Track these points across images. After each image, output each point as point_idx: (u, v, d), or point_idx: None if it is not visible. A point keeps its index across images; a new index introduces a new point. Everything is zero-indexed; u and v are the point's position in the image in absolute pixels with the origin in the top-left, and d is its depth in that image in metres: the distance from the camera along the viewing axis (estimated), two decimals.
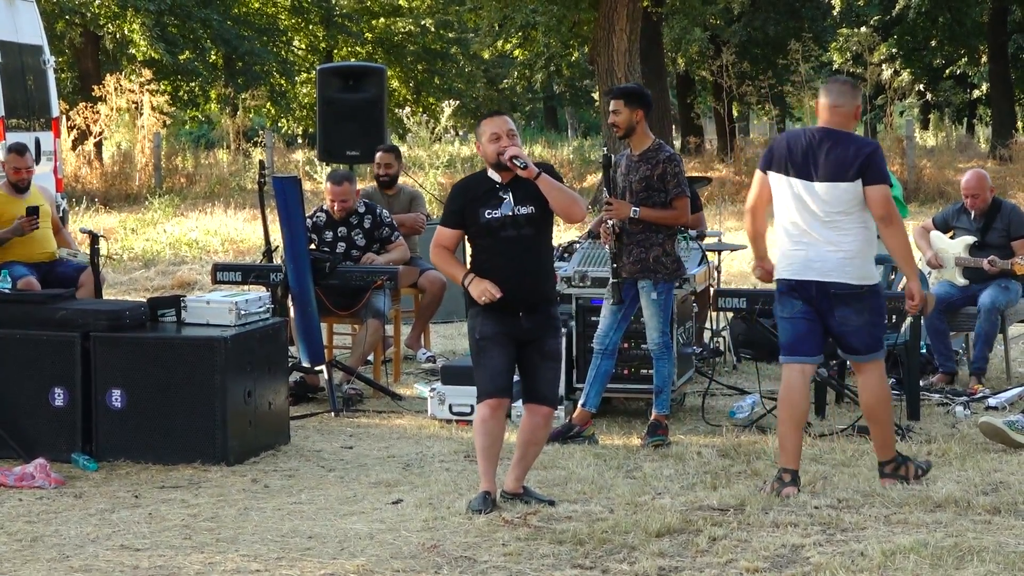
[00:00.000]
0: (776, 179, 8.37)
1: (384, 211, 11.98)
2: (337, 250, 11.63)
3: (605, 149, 9.81)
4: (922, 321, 11.41)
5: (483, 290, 7.79)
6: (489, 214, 7.89)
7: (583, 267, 10.25)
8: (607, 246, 9.59)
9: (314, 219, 11.82)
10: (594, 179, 32.17)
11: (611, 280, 9.52)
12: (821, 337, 8.37)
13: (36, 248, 12.01)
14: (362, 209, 11.81)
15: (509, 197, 7.89)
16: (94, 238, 11.73)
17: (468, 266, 8.05)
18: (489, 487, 7.94)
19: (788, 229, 8.33)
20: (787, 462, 8.25)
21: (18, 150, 12.21)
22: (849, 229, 8.20)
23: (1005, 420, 9.37)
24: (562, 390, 10.12)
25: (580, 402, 9.67)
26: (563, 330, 10.00)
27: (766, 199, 8.47)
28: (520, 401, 8.28)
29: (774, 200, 8.39)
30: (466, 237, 8.08)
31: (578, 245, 11.10)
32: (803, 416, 8.42)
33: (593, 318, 9.97)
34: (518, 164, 7.80)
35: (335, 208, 11.68)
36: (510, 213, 7.88)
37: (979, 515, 7.66)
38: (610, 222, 9.46)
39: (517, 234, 7.88)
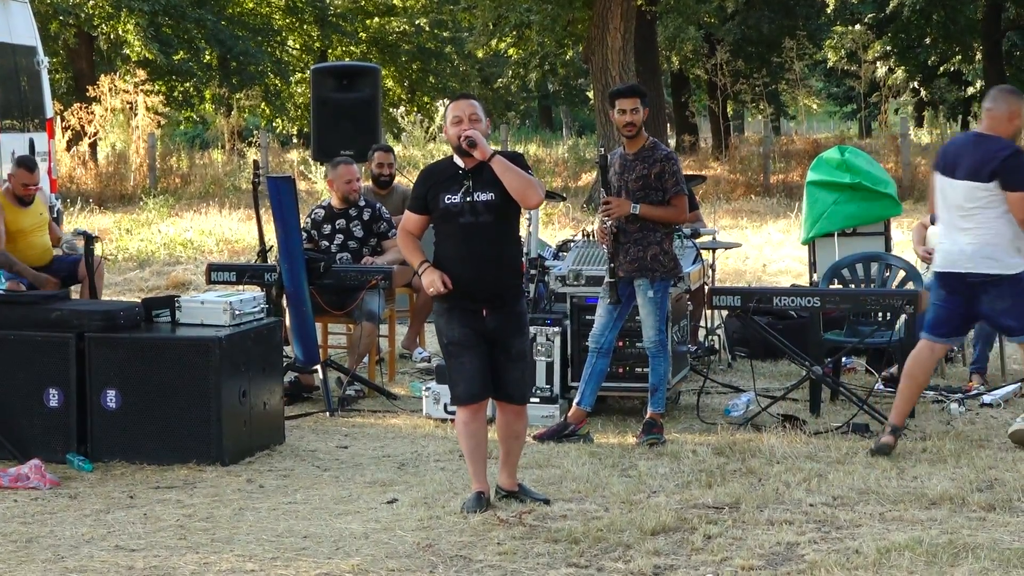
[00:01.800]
0: (935, 178, 9.16)
1: (382, 207, 12.02)
2: (335, 241, 11.67)
3: (602, 149, 9.80)
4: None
5: (432, 280, 7.75)
6: (448, 199, 7.82)
7: (578, 266, 10.25)
8: (604, 246, 9.59)
9: (312, 216, 11.86)
10: (589, 178, 32.20)
11: (607, 279, 9.52)
12: (959, 324, 9.33)
13: (33, 256, 12.04)
14: (362, 203, 11.85)
15: (470, 183, 7.83)
16: (88, 239, 11.74)
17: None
18: (481, 487, 7.94)
19: (940, 223, 9.30)
20: (894, 418, 9.14)
21: (28, 166, 12.23)
22: (984, 223, 8.88)
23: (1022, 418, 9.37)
24: (557, 388, 10.16)
25: (576, 400, 9.67)
26: (548, 324, 10.06)
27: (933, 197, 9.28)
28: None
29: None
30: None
31: (573, 244, 11.10)
32: (919, 386, 9.34)
33: (588, 317, 9.96)
34: (473, 143, 7.69)
35: (349, 190, 11.71)
36: (469, 199, 7.80)
37: (974, 512, 7.67)
38: (608, 222, 9.46)
39: (475, 221, 7.79)
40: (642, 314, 9.54)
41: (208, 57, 42.07)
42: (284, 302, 10.82)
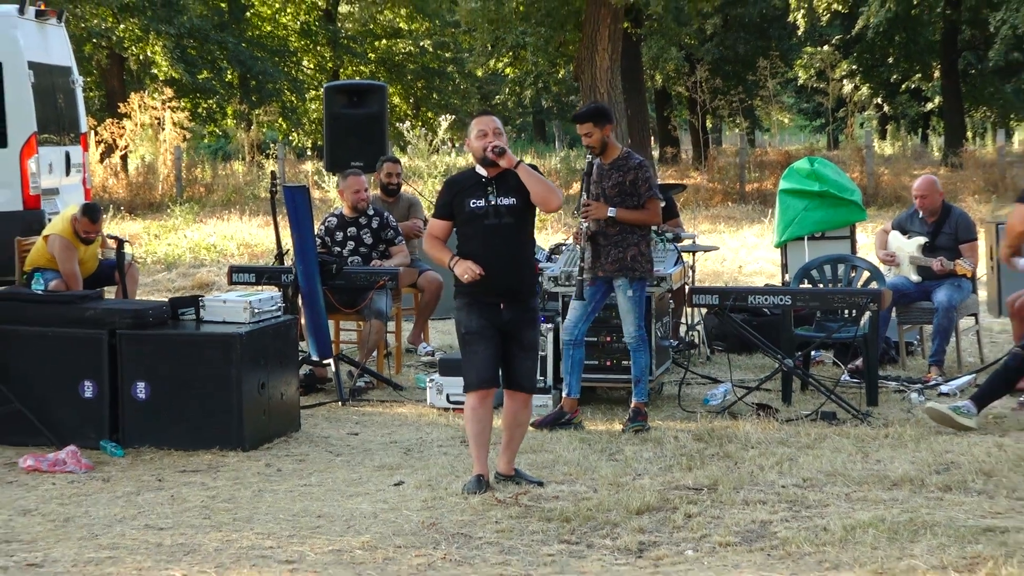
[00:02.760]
0: None
1: (390, 215, 12.04)
2: (347, 248, 11.68)
3: (589, 156, 9.80)
4: (893, 314, 11.46)
5: (466, 268, 7.81)
6: (474, 204, 7.91)
7: (569, 267, 10.26)
8: (578, 247, 9.60)
9: (326, 224, 11.87)
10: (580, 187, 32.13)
11: (577, 278, 9.53)
12: None
13: (84, 271, 12.09)
14: (371, 212, 11.85)
15: (493, 189, 7.91)
16: (120, 243, 11.74)
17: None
18: (482, 471, 7.95)
19: None
20: None
21: (92, 217, 12.17)
22: None
23: (951, 406, 9.37)
24: (550, 380, 10.17)
25: (564, 392, 9.67)
26: (542, 321, 10.05)
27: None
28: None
29: None
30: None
31: (564, 247, 11.12)
32: None
33: None
34: (501, 150, 7.85)
35: (358, 200, 11.72)
36: (493, 203, 7.90)
37: (932, 492, 7.68)
38: (585, 224, 9.47)
39: (499, 223, 7.88)
40: (622, 312, 9.53)
41: (230, 76, 42.05)
42: (299, 301, 10.83)
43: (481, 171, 7.98)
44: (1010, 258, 8.39)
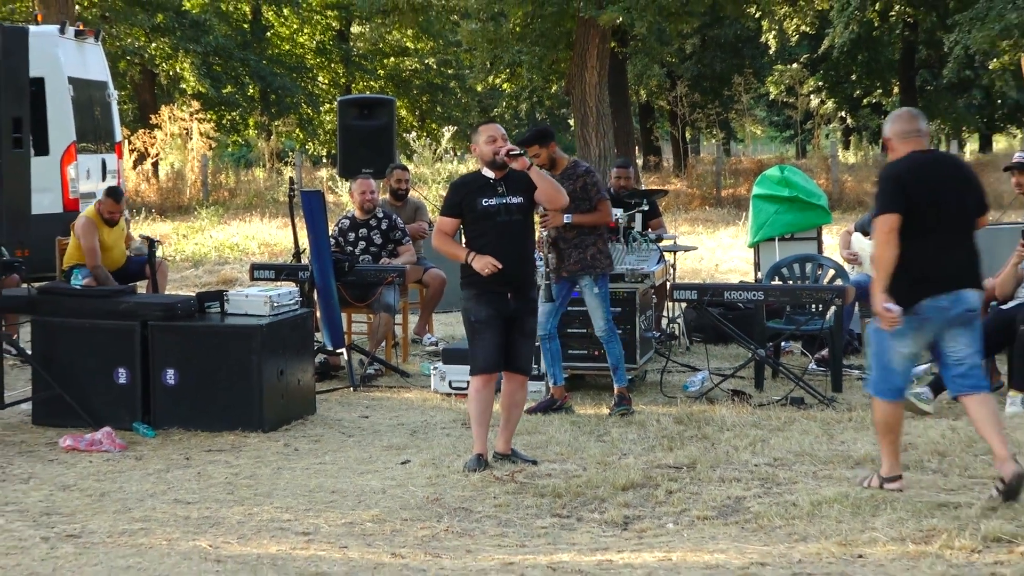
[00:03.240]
0: None
1: (398, 218, 12.03)
2: (358, 247, 11.68)
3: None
4: (856, 308, 11.45)
5: (486, 263, 7.80)
6: (486, 202, 7.91)
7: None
8: (541, 253, 9.49)
9: (339, 225, 11.87)
10: None
11: (544, 282, 9.43)
12: None
13: (112, 261, 12.06)
14: (381, 214, 11.85)
15: (503, 188, 7.92)
16: (151, 243, 11.73)
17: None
18: (481, 450, 7.94)
19: None
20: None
21: (114, 197, 12.23)
22: None
23: (911, 392, 9.36)
24: (541, 369, 10.13)
25: (551, 382, 9.63)
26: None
27: None
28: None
29: None
30: (462, 226, 8.08)
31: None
32: None
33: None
34: (516, 154, 7.89)
35: (364, 200, 11.72)
36: (504, 202, 7.91)
37: None
38: (544, 232, 9.40)
39: (509, 219, 7.91)
40: (590, 308, 9.44)
41: (251, 91, 42.03)
42: (315, 296, 10.82)
43: (488, 173, 7.98)
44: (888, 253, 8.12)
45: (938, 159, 7.34)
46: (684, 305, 12.08)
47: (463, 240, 8.23)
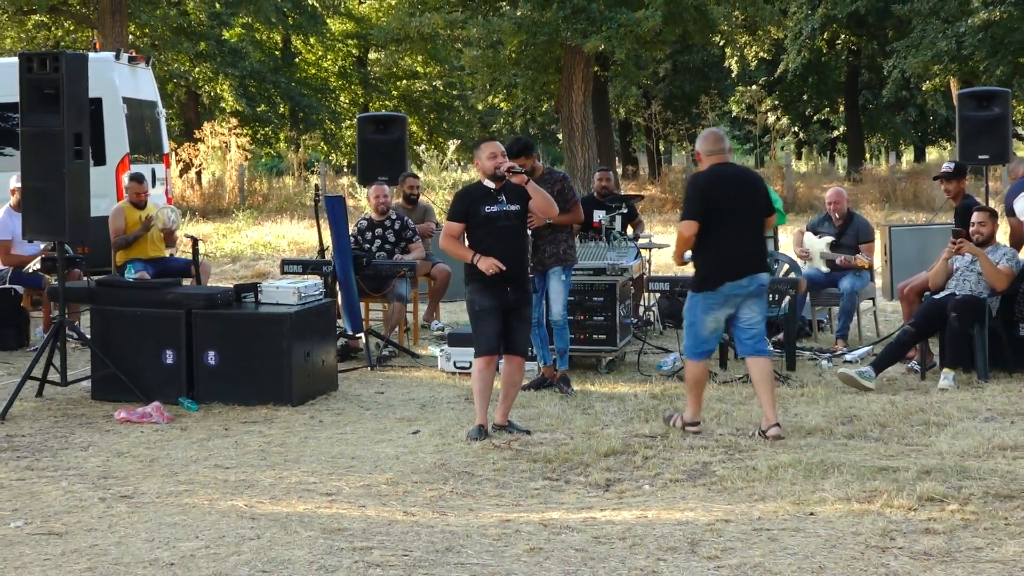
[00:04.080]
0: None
1: (409, 219, 12.00)
2: (375, 245, 11.65)
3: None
4: (808, 298, 11.43)
5: (490, 264, 7.79)
6: (488, 209, 7.90)
7: None
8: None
9: (358, 226, 11.85)
10: None
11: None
12: None
13: (150, 249, 12.02)
14: (394, 216, 11.82)
15: (503, 197, 7.91)
16: (195, 241, 11.70)
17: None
18: (482, 421, 7.93)
19: None
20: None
21: (138, 179, 12.27)
22: None
23: (857, 371, 9.36)
24: (536, 350, 10.10)
25: (540, 363, 9.56)
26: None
27: None
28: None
29: None
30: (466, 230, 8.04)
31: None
32: None
33: None
34: (517, 171, 7.92)
35: (379, 203, 11.70)
36: (504, 209, 7.90)
37: (839, 440, 7.67)
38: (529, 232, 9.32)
39: (508, 224, 7.90)
40: (553, 294, 9.27)
41: (282, 109, 41.92)
42: (337, 287, 10.79)
43: (489, 184, 7.96)
44: (681, 257, 8.20)
45: (735, 171, 8.01)
46: (658, 295, 12.06)
47: (466, 242, 8.20)
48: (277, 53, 42.51)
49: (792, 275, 11.11)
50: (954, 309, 9.43)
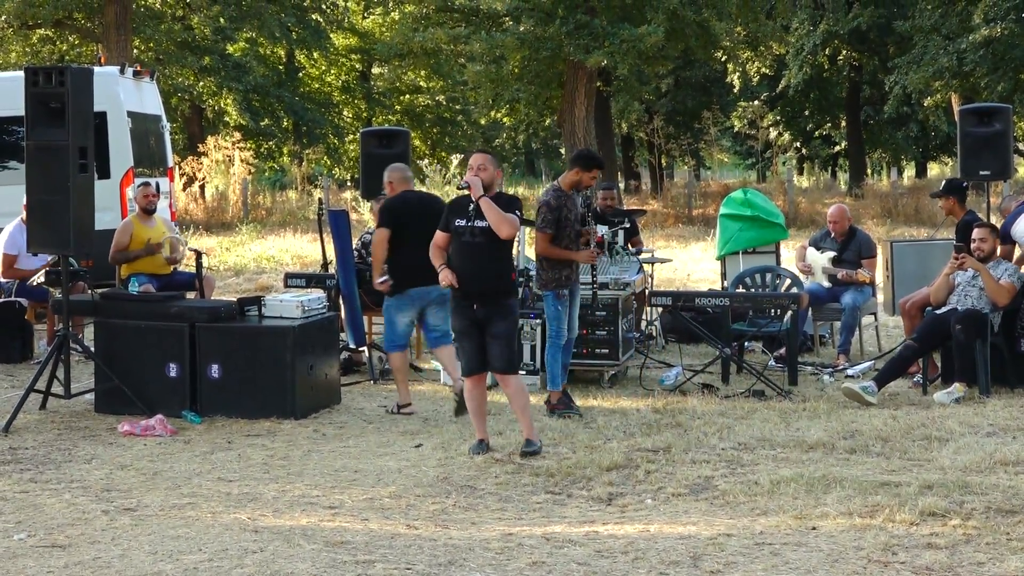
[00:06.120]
0: None
1: None
2: None
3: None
4: (810, 313, 11.43)
5: (444, 276, 7.78)
6: (458, 223, 7.82)
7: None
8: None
9: (361, 240, 11.82)
10: None
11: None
12: None
13: (157, 265, 12.01)
14: None
15: (473, 213, 7.78)
16: (198, 255, 11.72)
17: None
18: (482, 436, 7.91)
19: None
20: None
21: (145, 183, 12.25)
22: None
23: (859, 386, 9.36)
24: (537, 364, 10.07)
25: (549, 387, 9.32)
26: (532, 317, 9.90)
27: None
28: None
29: None
30: None
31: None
32: None
33: None
34: (461, 187, 7.82)
35: None
36: (470, 224, 7.77)
37: (841, 454, 7.67)
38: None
39: (472, 240, 7.76)
40: (545, 317, 9.20)
41: (286, 123, 41.94)
42: (340, 301, 10.80)
43: (472, 197, 7.87)
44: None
45: (419, 197, 9.42)
46: (660, 310, 12.06)
47: None
48: (281, 68, 42.56)
49: (794, 290, 11.12)
50: (959, 322, 9.43)
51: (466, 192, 7.81)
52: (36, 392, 9.11)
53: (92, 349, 9.50)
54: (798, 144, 47.59)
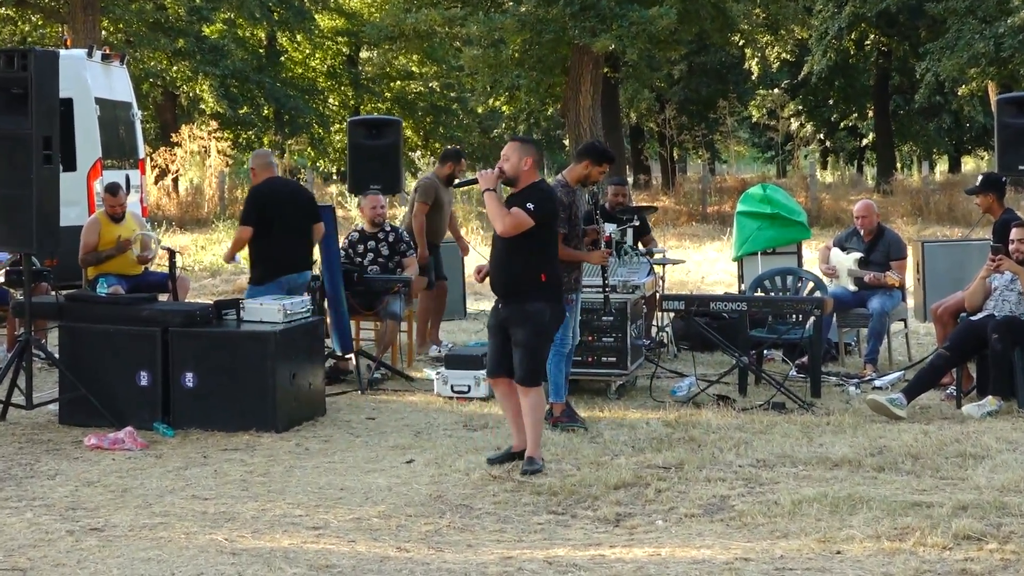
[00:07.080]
0: None
1: (404, 232, 11.99)
2: (367, 259, 11.65)
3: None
4: (834, 319, 11.43)
5: (477, 268, 8.28)
6: None
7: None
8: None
9: (349, 238, 11.86)
10: None
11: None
12: None
13: (127, 265, 12.01)
14: (388, 228, 11.83)
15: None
16: (172, 254, 11.72)
17: None
18: (516, 445, 7.89)
19: None
20: None
21: (112, 191, 12.18)
22: None
23: (887, 398, 9.37)
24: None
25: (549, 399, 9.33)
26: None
27: None
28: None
29: None
30: None
31: None
32: None
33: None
34: (458, 184, 7.95)
35: (375, 214, 11.72)
36: None
37: (868, 472, 7.66)
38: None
39: (495, 236, 7.88)
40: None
41: (266, 111, 42.00)
42: (325, 304, 10.80)
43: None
44: None
45: (286, 184, 10.72)
46: (672, 315, 12.07)
47: None
48: (261, 51, 42.60)
49: (817, 294, 11.13)
50: (995, 330, 9.43)
51: (473, 186, 7.91)
52: None
53: (56, 356, 9.50)
54: (821, 136, 47.68)
